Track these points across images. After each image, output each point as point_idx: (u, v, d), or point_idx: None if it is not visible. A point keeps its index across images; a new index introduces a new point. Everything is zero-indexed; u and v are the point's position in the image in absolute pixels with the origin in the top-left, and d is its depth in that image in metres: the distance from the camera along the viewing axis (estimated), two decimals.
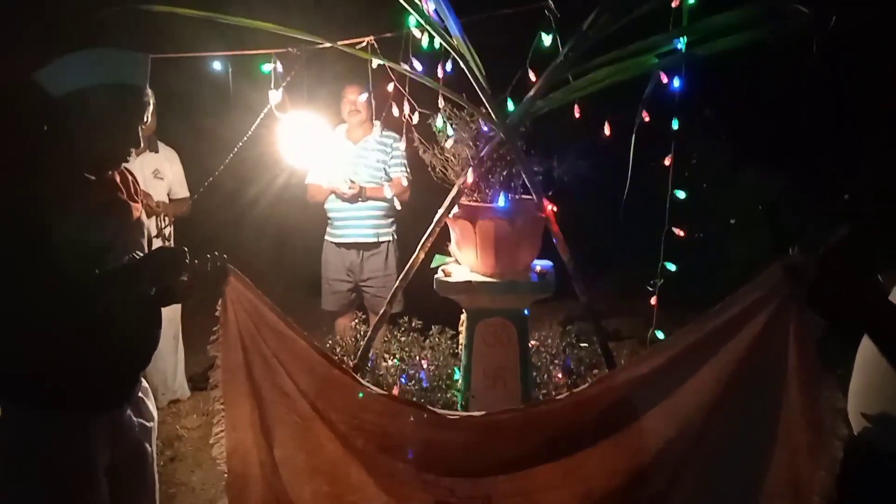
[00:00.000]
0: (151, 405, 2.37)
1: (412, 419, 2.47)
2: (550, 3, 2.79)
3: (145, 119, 2.17)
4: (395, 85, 3.10)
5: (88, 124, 2.04)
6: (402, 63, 2.95)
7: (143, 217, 2.32)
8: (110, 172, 2.19)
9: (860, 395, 1.86)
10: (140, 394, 2.31)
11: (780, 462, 2.06)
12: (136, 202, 2.28)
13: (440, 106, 3.07)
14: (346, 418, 2.50)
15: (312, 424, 2.49)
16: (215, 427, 2.51)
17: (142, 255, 2.22)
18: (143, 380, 2.35)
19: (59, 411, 2.04)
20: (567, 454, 2.37)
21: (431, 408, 2.56)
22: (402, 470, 2.49)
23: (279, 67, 3.06)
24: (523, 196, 2.99)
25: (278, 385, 2.49)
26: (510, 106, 2.93)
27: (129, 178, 2.32)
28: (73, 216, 1.98)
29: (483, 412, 2.51)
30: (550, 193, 2.93)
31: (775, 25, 2.48)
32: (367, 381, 2.99)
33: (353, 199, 4.57)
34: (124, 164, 2.23)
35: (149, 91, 2.16)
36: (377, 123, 4.09)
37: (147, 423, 2.31)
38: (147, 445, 2.30)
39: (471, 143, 2.99)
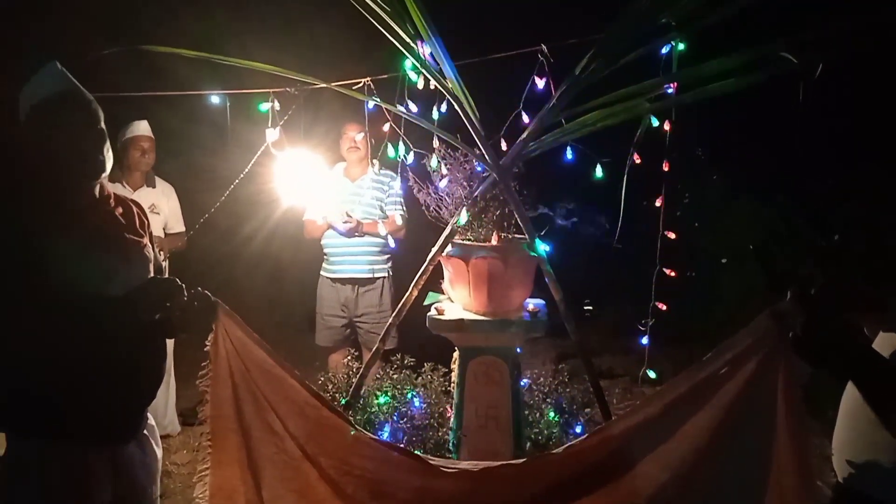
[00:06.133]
0: (156, 442, 2.35)
1: (405, 466, 2.44)
2: (544, 47, 2.85)
3: (96, 125, 2.13)
4: (391, 125, 3.15)
5: (44, 139, 2.07)
6: (397, 104, 3.00)
7: (149, 251, 2.31)
8: (106, 202, 2.20)
9: (845, 441, 1.87)
10: (145, 431, 2.30)
11: None
12: (142, 236, 2.28)
13: (435, 146, 3.12)
14: (336, 463, 2.45)
15: (302, 465, 2.45)
16: (200, 464, 2.46)
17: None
18: (149, 416, 2.33)
19: (60, 442, 2.02)
20: (563, 502, 2.36)
21: (425, 457, 2.52)
22: None
23: (276, 106, 3.11)
24: (516, 235, 3.02)
25: (268, 423, 2.45)
26: (503, 147, 2.97)
27: (135, 210, 2.32)
28: (67, 241, 1.99)
29: (480, 466, 2.47)
30: (543, 233, 2.97)
31: (763, 73, 2.54)
32: (359, 419, 3.01)
33: (349, 233, 4.60)
34: (132, 197, 2.25)
35: (88, 96, 2.14)
36: (375, 162, 4.14)
37: (150, 461, 2.29)
38: (149, 483, 2.28)
39: (465, 183, 3.03)
